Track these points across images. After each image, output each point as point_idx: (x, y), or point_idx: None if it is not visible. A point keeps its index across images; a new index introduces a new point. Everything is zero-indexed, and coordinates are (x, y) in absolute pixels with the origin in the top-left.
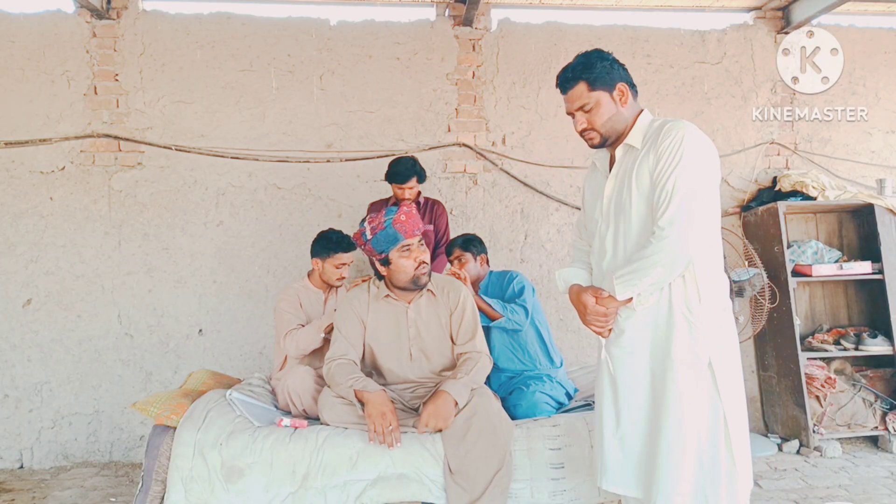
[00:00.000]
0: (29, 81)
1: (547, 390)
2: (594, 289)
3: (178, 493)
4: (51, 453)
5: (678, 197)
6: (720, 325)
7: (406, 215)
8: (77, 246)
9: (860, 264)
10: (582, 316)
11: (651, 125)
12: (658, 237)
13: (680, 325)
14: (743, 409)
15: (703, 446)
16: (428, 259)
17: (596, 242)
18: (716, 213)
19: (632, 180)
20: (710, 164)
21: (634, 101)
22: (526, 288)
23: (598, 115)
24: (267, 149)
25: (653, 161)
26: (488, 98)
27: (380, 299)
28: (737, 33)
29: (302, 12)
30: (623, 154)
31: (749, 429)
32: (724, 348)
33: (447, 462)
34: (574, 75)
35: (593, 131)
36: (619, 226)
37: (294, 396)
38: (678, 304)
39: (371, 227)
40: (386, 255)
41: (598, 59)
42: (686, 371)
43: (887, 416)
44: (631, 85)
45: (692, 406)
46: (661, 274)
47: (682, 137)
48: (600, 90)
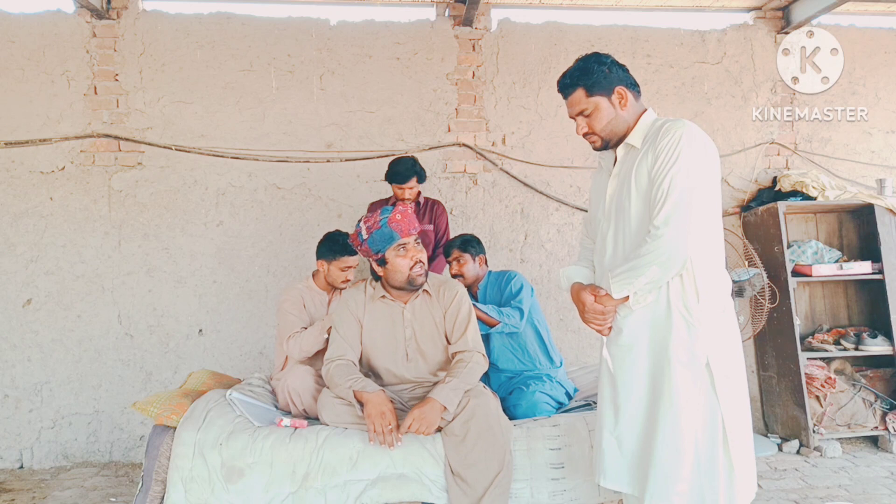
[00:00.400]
0: (29, 81)
1: (547, 390)
2: (592, 287)
3: (178, 493)
4: (51, 453)
5: (674, 196)
6: (719, 326)
7: (401, 214)
8: (77, 246)
9: (860, 264)
10: (581, 314)
11: (653, 125)
12: (653, 236)
13: (678, 325)
14: (744, 412)
15: (699, 447)
16: (425, 259)
17: (598, 241)
18: (715, 213)
19: (631, 179)
20: (709, 162)
21: (636, 102)
22: (524, 288)
23: (598, 119)
24: (267, 149)
25: (651, 160)
26: (488, 98)
27: (376, 300)
28: (737, 33)
29: (302, 12)
30: (624, 154)
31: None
32: (723, 349)
33: (448, 463)
34: (572, 81)
35: (594, 135)
36: (620, 225)
37: (294, 396)
38: (676, 304)
39: (367, 227)
40: (382, 254)
41: (596, 64)
42: (683, 371)
43: (887, 416)
44: (632, 86)
45: (689, 406)
46: (656, 273)
47: (680, 136)
48: (598, 95)
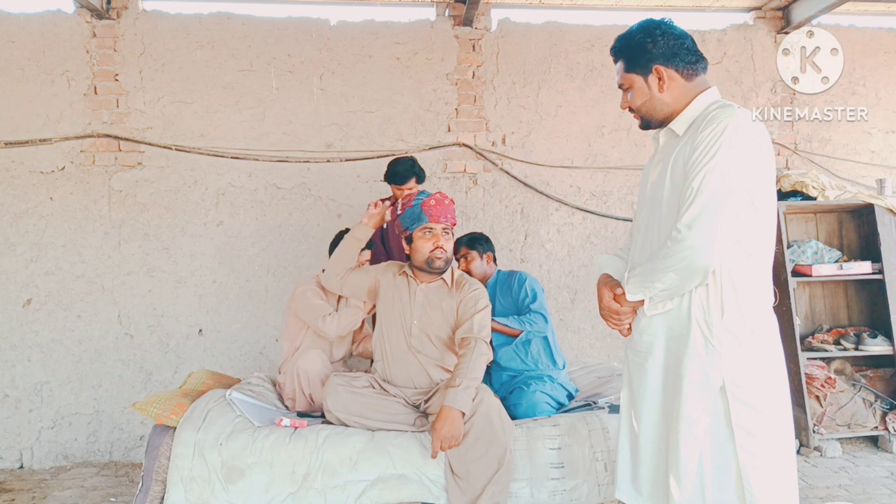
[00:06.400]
0: (29, 81)
1: (548, 390)
2: (613, 283)
3: (178, 493)
4: (51, 453)
5: (704, 196)
6: (746, 348)
7: (436, 201)
8: (77, 246)
9: (860, 264)
10: (599, 309)
11: (706, 110)
12: (674, 239)
13: (696, 341)
14: (775, 455)
15: (706, 481)
16: (449, 248)
17: (633, 230)
18: (759, 219)
19: (668, 169)
20: (756, 160)
21: (689, 82)
22: (540, 294)
23: (634, 98)
24: (267, 149)
25: (689, 151)
26: (488, 98)
27: (398, 275)
28: (737, 33)
29: (302, 12)
30: (665, 140)
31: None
32: (747, 375)
33: (449, 463)
34: (617, 51)
35: (634, 112)
36: (653, 216)
37: (304, 378)
38: (697, 318)
39: (403, 204)
40: (410, 232)
41: (642, 34)
42: (694, 391)
43: (887, 416)
44: (687, 64)
45: (695, 430)
46: (673, 281)
47: (724, 128)
48: (633, 73)
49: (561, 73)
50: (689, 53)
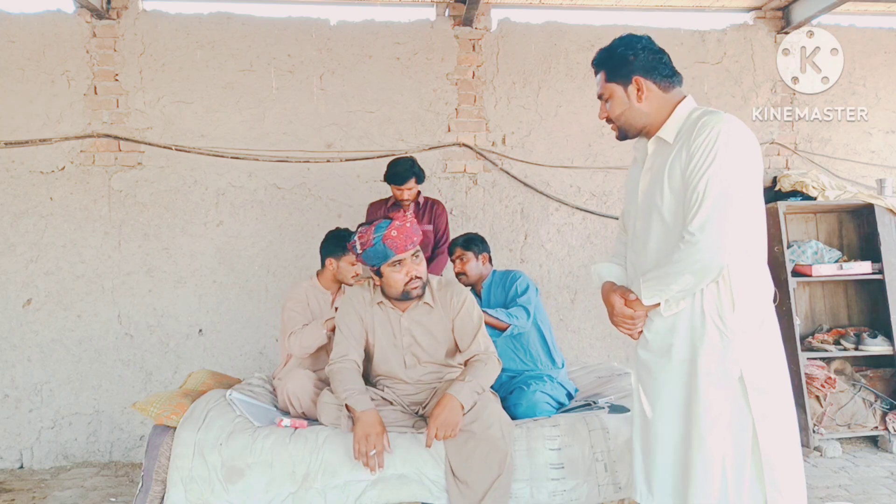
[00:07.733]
0: (29, 81)
1: (547, 390)
2: (623, 290)
3: (178, 493)
4: (51, 453)
5: (710, 200)
6: (756, 338)
7: (398, 230)
8: (77, 246)
9: (860, 264)
10: (610, 316)
11: (689, 117)
12: (687, 243)
13: (711, 335)
14: (785, 431)
15: (727, 464)
16: (422, 273)
17: (630, 237)
18: (756, 216)
19: (664, 176)
20: (749, 160)
21: (666, 94)
22: (529, 288)
23: (612, 107)
24: (267, 149)
25: (685, 159)
26: (488, 98)
27: (374, 304)
28: (737, 33)
29: (302, 12)
30: (655, 148)
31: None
32: (759, 363)
33: (449, 464)
34: (598, 62)
35: (611, 122)
36: (652, 223)
37: (293, 399)
38: (710, 313)
39: (361, 243)
40: (377, 268)
41: (623, 47)
42: (712, 384)
43: (887, 416)
44: (663, 77)
45: (719, 421)
46: (689, 281)
47: (718, 133)
48: (614, 83)
49: (561, 73)
50: (666, 68)
